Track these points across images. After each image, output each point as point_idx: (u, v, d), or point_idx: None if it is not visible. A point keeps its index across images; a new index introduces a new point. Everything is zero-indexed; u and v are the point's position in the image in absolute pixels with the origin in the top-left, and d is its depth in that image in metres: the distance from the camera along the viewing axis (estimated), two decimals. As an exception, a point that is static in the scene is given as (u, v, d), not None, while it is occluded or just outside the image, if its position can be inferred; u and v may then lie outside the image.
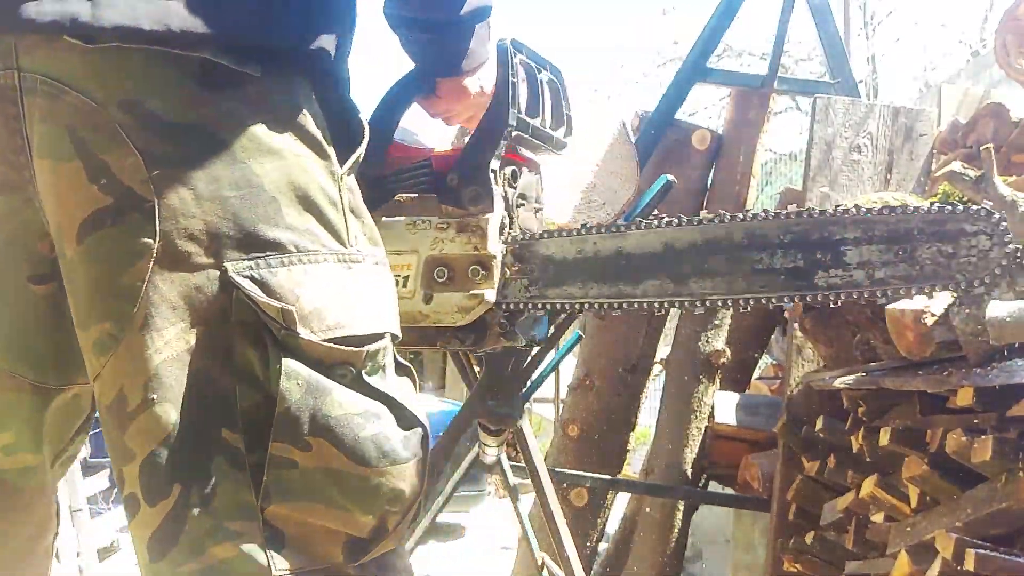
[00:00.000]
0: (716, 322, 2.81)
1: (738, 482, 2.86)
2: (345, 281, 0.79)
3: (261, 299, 0.73)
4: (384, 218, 1.25)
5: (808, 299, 1.22)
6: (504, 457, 2.06)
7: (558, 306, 1.28)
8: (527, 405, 1.97)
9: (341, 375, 0.76)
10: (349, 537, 0.77)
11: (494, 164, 1.24)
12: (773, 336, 3.14)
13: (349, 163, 0.84)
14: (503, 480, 1.95)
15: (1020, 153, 2.25)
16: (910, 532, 1.69)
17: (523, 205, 1.32)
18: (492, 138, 1.23)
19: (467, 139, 1.29)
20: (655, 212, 1.57)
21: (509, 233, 1.28)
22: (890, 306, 1.73)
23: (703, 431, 2.77)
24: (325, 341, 0.75)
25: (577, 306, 1.28)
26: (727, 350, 2.81)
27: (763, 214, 1.23)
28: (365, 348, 0.77)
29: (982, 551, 1.47)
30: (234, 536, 0.73)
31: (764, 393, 2.96)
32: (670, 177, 1.70)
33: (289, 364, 0.73)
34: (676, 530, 2.78)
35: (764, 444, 2.66)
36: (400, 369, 0.84)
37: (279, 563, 0.74)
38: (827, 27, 2.89)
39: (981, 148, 1.74)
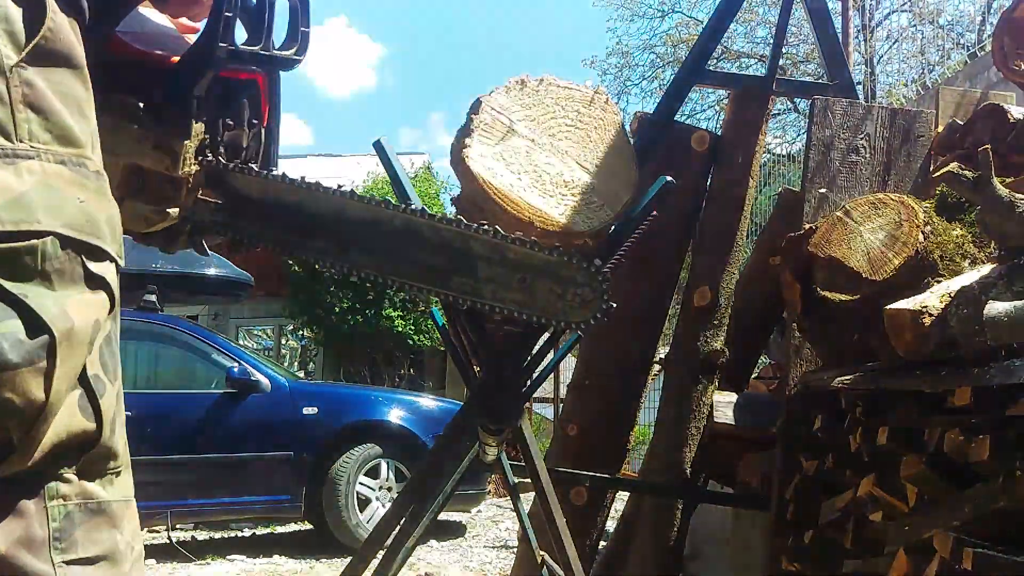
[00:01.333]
0: (715, 322, 2.82)
1: (737, 481, 2.87)
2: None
3: None
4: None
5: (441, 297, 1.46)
6: (504, 457, 2.07)
7: (239, 237, 1.41)
8: (527, 405, 1.98)
9: None
10: None
11: (198, 91, 1.26)
12: (772, 336, 3.15)
13: (24, 54, 0.77)
14: (503, 480, 1.96)
15: (1017, 154, 2.26)
16: (908, 531, 1.70)
17: (231, 128, 1.36)
18: (198, 69, 1.24)
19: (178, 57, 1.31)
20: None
21: (207, 156, 1.33)
22: (888, 306, 1.74)
23: (702, 431, 2.78)
24: None
25: (252, 241, 1.42)
26: (726, 350, 2.81)
27: (422, 213, 1.43)
28: None
29: (980, 550, 1.48)
30: None
31: (763, 393, 2.97)
32: (668, 178, 1.71)
33: None
34: (675, 529, 2.79)
35: (763, 444, 2.66)
36: (92, 281, 0.79)
37: None
38: (825, 29, 2.90)
39: (979, 150, 1.75)
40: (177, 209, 1.29)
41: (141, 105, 1.26)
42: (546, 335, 1.83)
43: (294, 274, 10.99)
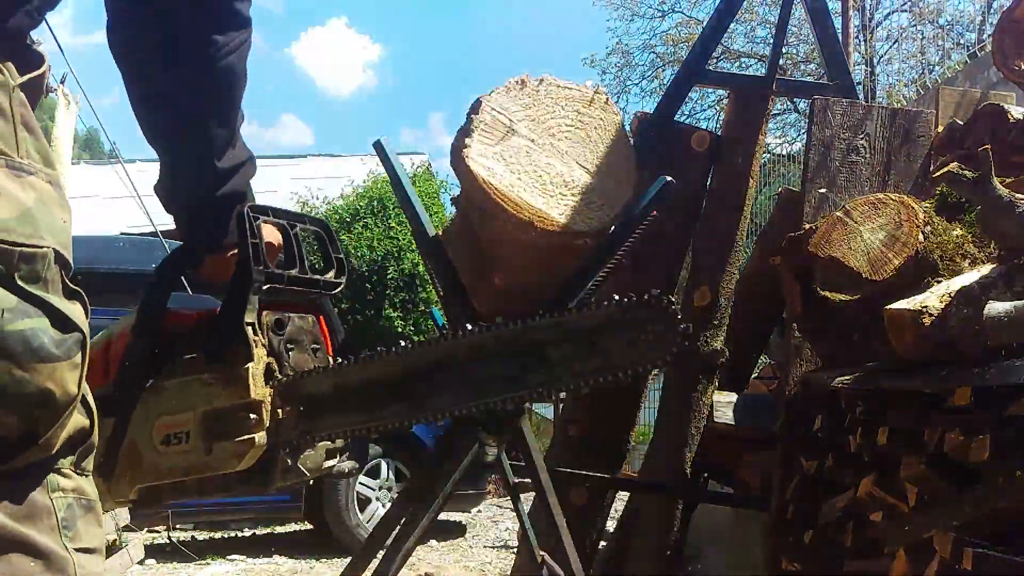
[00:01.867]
0: (715, 322, 2.82)
1: (737, 482, 2.87)
2: (11, 188, 0.77)
3: None
4: (164, 382, 1.35)
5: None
6: (504, 457, 2.07)
7: (327, 436, 1.42)
8: (527, 405, 1.98)
9: None
10: None
11: (250, 318, 1.33)
12: (772, 336, 3.15)
13: (25, 78, 0.83)
14: (503, 480, 1.96)
15: (1017, 154, 2.26)
16: (908, 531, 1.70)
17: (293, 349, 1.43)
18: (240, 296, 1.33)
19: None
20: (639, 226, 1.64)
21: (276, 378, 1.37)
22: (889, 306, 1.74)
23: (702, 431, 2.78)
24: None
25: (344, 433, 1.43)
26: (726, 350, 2.81)
27: (480, 328, 1.42)
28: (17, 250, 0.76)
29: (980, 550, 1.48)
30: None
31: (763, 393, 2.97)
32: (668, 178, 1.71)
33: None
34: (675, 529, 2.79)
35: (763, 444, 2.66)
36: (71, 294, 0.83)
37: None
38: (825, 29, 2.90)
39: (979, 149, 1.75)
40: (260, 434, 1.33)
41: (198, 356, 1.35)
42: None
43: (294, 274, 10.98)
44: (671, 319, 1.36)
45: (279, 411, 1.36)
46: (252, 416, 1.32)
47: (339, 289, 1.51)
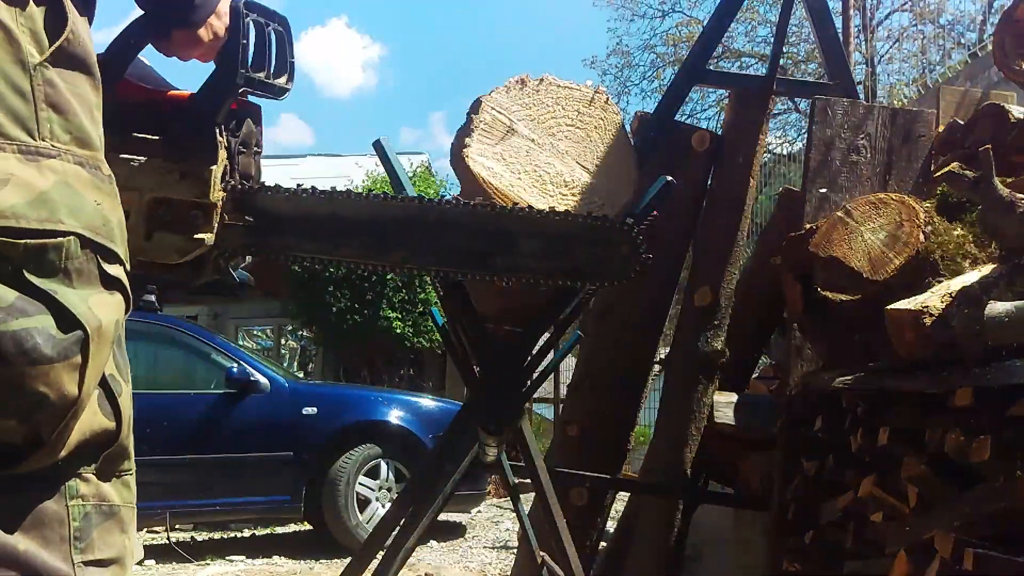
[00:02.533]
0: (715, 322, 2.82)
1: (737, 482, 2.87)
2: (23, 173, 0.74)
3: None
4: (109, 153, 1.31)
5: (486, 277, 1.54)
6: (504, 457, 2.07)
7: (273, 254, 1.45)
8: (527, 405, 1.98)
9: None
10: None
11: (220, 118, 1.31)
12: (772, 336, 3.15)
13: (48, 53, 0.78)
14: (503, 480, 1.95)
15: (1018, 154, 2.25)
16: (909, 532, 1.70)
17: (243, 152, 1.41)
18: (219, 95, 1.30)
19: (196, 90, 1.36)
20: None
21: (229, 181, 1.36)
22: (889, 306, 1.73)
23: (702, 431, 2.77)
24: None
25: (286, 256, 1.46)
26: (726, 350, 2.81)
27: (457, 203, 1.51)
28: (23, 242, 0.72)
29: (980, 551, 1.47)
30: None
31: (763, 393, 2.96)
32: (669, 178, 1.71)
33: None
34: (676, 530, 2.79)
35: (763, 444, 2.66)
36: (110, 283, 0.79)
37: None
38: (826, 29, 2.89)
39: (980, 149, 1.75)
40: (208, 236, 1.31)
41: (159, 139, 1.30)
42: (546, 335, 1.83)
43: (294, 274, 10.98)
44: (635, 244, 1.51)
45: (226, 216, 1.35)
46: (203, 216, 1.30)
47: (287, 95, 1.49)
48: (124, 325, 0.84)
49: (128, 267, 0.83)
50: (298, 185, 1.48)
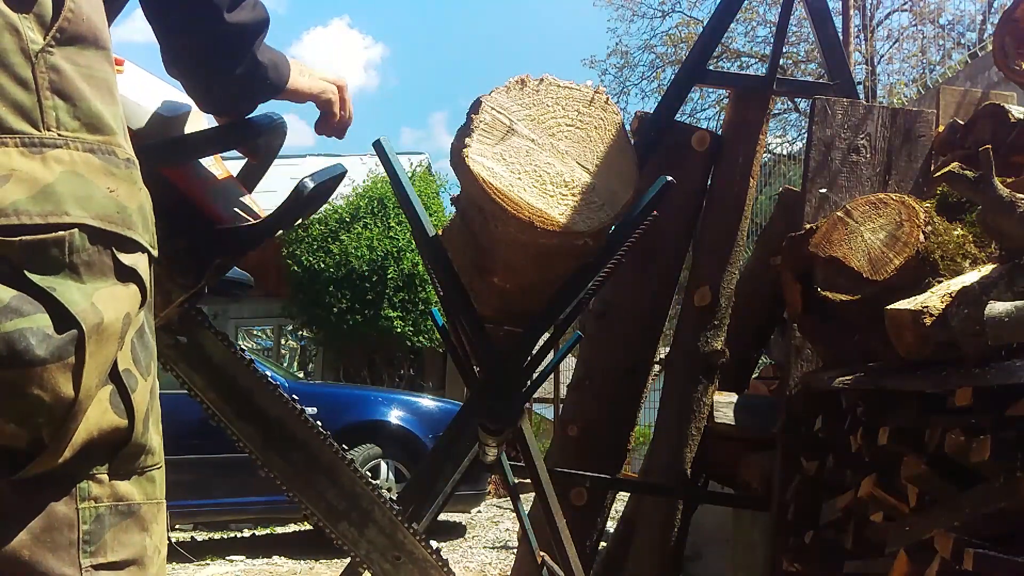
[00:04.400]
0: (715, 322, 2.82)
1: (737, 482, 2.87)
2: (26, 167, 0.72)
3: None
4: None
5: None
6: (504, 457, 2.07)
7: (181, 381, 1.50)
8: (527, 405, 1.98)
9: None
10: (0, 448, 0.71)
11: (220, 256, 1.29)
12: (772, 336, 3.15)
13: (49, 36, 0.75)
14: (503, 480, 1.95)
15: (1018, 154, 2.25)
16: (909, 532, 1.70)
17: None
18: (251, 245, 1.27)
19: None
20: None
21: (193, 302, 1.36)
22: (889, 306, 1.73)
23: (702, 431, 2.77)
24: None
25: (191, 390, 1.51)
26: (726, 350, 2.81)
27: (349, 464, 1.54)
28: (18, 239, 0.70)
29: (980, 551, 1.47)
30: None
31: (763, 393, 2.97)
32: (669, 178, 1.70)
33: None
34: (676, 530, 2.79)
35: (763, 444, 2.66)
36: (122, 273, 0.76)
37: None
38: (826, 29, 2.89)
39: (980, 149, 1.75)
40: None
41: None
42: (546, 335, 1.83)
43: (294, 274, 10.99)
44: None
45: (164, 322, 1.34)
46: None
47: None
48: (148, 315, 0.82)
49: (155, 252, 0.81)
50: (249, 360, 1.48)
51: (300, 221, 1.39)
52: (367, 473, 1.64)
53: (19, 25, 0.73)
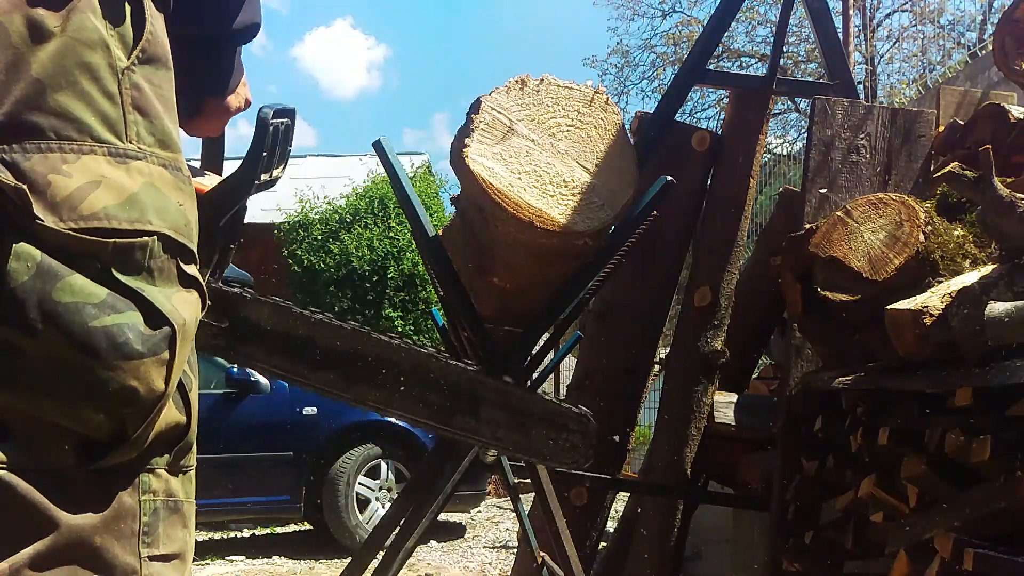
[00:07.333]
0: (715, 322, 2.82)
1: (737, 482, 2.87)
2: (113, 175, 0.76)
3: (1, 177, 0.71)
4: None
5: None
6: (504, 457, 2.07)
7: (240, 361, 1.48)
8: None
9: (84, 267, 0.74)
10: (82, 438, 0.75)
11: (223, 222, 1.26)
12: (772, 336, 3.15)
13: (133, 56, 0.79)
14: (503, 480, 1.96)
15: (1018, 154, 2.25)
16: (909, 532, 1.70)
17: (233, 247, 1.38)
18: (234, 199, 1.25)
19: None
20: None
21: (212, 279, 1.32)
22: (889, 306, 1.73)
23: (702, 431, 2.78)
24: (72, 231, 0.73)
25: (253, 365, 1.48)
26: (726, 350, 2.81)
27: (435, 355, 1.56)
28: (112, 241, 0.74)
29: (980, 551, 1.48)
30: None
31: (763, 393, 2.97)
32: (669, 178, 1.71)
33: (21, 247, 0.71)
34: (676, 530, 2.79)
35: (763, 444, 2.66)
36: (189, 283, 0.81)
37: None
38: (826, 29, 2.89)
39: (980, 149, 1.75)
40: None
41: None
42: (546, 335, 1.83)
43: (294, 274, 10.99)
44: (587, 435, 1.60)
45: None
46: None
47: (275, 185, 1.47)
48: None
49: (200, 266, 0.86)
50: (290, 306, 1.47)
51: (280, 168, 1.34)
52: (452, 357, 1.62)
53: (109, 43, 0.78)
